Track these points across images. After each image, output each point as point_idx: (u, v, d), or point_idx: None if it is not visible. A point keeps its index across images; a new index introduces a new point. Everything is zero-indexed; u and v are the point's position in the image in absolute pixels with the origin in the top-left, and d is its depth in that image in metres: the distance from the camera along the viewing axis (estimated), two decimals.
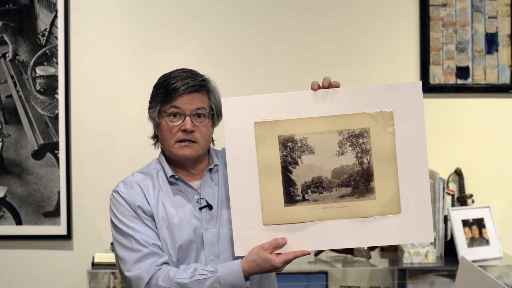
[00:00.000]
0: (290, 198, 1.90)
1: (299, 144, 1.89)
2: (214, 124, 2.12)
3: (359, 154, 1.87)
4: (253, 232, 1.92)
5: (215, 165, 2.12)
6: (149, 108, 2.11)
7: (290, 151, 1.89)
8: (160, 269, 1.98)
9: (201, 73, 2.11)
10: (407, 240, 1.93)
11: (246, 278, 1.93)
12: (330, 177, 1.88)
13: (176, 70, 2.10)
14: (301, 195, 1.89)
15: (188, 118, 2.03)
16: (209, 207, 2.07)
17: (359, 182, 1.87)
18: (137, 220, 2.03)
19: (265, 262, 1.90)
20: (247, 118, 1.91)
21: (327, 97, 1.88)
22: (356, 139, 1.87)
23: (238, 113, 1.92)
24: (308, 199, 1.89)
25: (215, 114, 2.09)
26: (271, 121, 1.90)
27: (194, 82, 2.05)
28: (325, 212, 1.88)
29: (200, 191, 2.10)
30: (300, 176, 1.89)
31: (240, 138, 1.92)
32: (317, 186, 1.88)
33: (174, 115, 2.04)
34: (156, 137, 2.15)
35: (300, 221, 1.89)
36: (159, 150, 2.19)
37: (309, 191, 1.89)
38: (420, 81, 1.90)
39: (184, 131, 2.03)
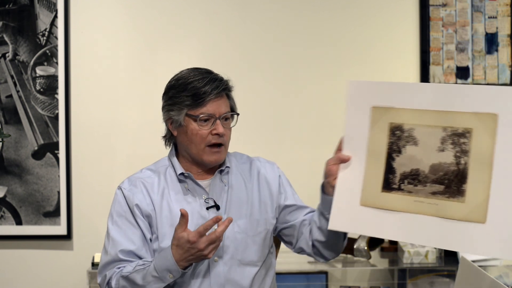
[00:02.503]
0: (387, 185, 1.91)
1: (406, 134, 1.89)
2: None
3: (458, 154, 1.83)
4: (349, 209, 1.95)
5: (226, 166, 2.13)
6: (169, 110, 2.09)
7: (397, 139, 1.90)
8: (117, 270, 2.03)
9: (217, 73, 2.13)
10: (489, 253, 1.81)
11: (179, 262, 1.92)
12: (427, 172, 1.86)
13: (193, 72, 2.10)
14: (398, 184, 1.90)
15: (219, 122, 2.05)
16: (217, 207, 2.08)
17: (452, 182, 1.83)
18: (126, 221, 2.07)
19: (180, 239, 1.90)
20: (367, 101, 1.94)
21: (440, 91, 1.86)
22: (458, 138, 1.83)
23: (360, 96, 1.96)
24: (403, 189, 1.89)
25: (235, 115, 2.13)
26: (386, 107, 1.92)
27: (224, 86, 2.07)
28: (416, 206, 1.86)
29: (209, 190, 2.10)
30: (401, 165, 1.89)
31: (357, 119, 1.96)
32: (414, 178, 1.88)
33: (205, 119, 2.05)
34: (170, 137, 2.15)
35: (391, 209, 1.90)
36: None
37: (405, 181, 1.89)
38: None
39: (216, 134, 2.04)
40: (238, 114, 2.13)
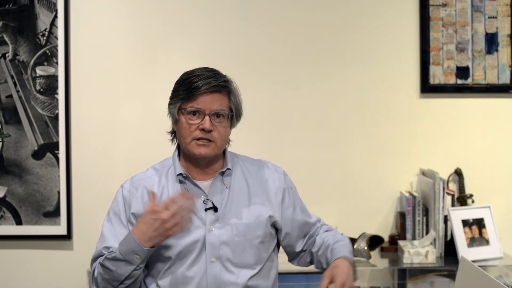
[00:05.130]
0: None
1: None
2: (232, 125, 2.14)
3: None
4: None
5: (227, 169, 2.13)
6: (169, 104, 2.13)
7: None
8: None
9: (224, 74, 2.13)
10: None
11: (141, 242, 1.96)
12: None
13: (199, 68, 2.12)
14: None
15: (207, 118, 2.05)
16: (214, 209, 2.08)
17: None
18: (119, 220, 2.11)
19: (146, 213, 1.96)
20: None
21: None
22: None
23: None
24: None
25: (234, 116, 2.12)
26: None
27: (217, 83, 2.07)
28: None
29: (209, 191, 2.11)
30: None
31: None
32: None
33: (194, 113, 2.06)
34: (174, 133, 2.17)
35: None
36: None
37: None
38: None
39: (202, 130, 2.05)
40: (231, 114, 2.10)
